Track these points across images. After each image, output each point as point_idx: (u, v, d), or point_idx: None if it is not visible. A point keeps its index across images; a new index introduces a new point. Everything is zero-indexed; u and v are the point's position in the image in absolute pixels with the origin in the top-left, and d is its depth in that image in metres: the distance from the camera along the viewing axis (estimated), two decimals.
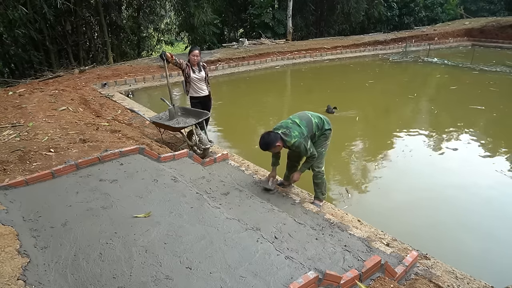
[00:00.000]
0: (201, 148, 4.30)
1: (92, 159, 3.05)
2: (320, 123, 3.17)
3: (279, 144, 2.99)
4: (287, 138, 2.97)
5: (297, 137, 2.97)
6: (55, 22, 10.50)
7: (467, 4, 20.77)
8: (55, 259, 1.89)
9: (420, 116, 7.23)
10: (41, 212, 2.32)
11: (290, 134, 2.97)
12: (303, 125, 3.05)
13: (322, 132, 3.20)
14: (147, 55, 14.91)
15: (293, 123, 3.06)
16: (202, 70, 4.60)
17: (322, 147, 3.26)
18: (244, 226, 2.29)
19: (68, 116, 5.06)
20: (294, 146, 3.02)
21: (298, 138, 2.97)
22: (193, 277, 1.81)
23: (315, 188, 3.40)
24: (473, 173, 4.70)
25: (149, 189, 2.69)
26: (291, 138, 2.96)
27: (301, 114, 3.20)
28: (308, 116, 3.15)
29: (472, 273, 2.53)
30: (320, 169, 3.30)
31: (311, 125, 3.10)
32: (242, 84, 10.22)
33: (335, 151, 5.02)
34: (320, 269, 1.87)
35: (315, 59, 12.62)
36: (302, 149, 3.02)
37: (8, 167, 3.13)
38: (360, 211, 3.75)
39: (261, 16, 15.72)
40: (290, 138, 2.96)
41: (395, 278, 2.22)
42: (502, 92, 8.62)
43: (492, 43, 15.24)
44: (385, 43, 14.64)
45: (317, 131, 3.16)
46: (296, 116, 3.16)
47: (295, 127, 3.02)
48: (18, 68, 11.03)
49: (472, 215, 3.81)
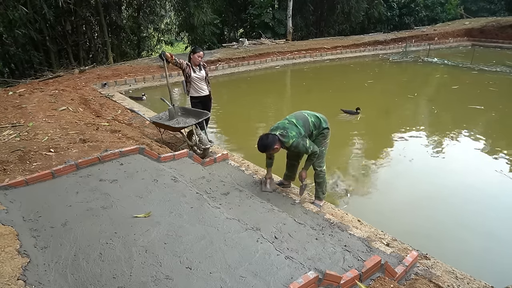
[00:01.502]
0: (201, 148, 4.30)
1: (92, 159, 3.05)
2: (317, 122, 3.17)
3: (277, 146, 2.99)
4: (285, 139, 2.97)
5: (295, 137, 2.97)
6: (55, 22, 10.50)
7: (467, 4, 20.75)
8: (55, 259, 1.89)
9: (420, 115, 7.23)
10: (41, 212, 2.32)
11: (287, 135, 2.97)
12: (299, 124, 3.05)
13: (320, 131, 3.20)
14: (147, 55, 14.91)
15: (290, 123, 3.06)
16: (202, 69, 4.61)
17: (322, 146, 3.26)
18: (244, 226, 2.29)
19: (68, 116, 5.06)
20: (292, 147, 3.02)
21: (296, 138, 2.98)
22: (193, 277, 1.81)
23: (317, 187, 3.40)
24: (472, 173, 4.70)
25: (149, 189, 2.69)
26: (288, 139, 2.96)
27: (297, 113, 3.20)
28: (304, 115, 3.15)
29: (472, 273, 2.53)
30: (321, 168, 3.31)
31: (308, 124, 3.10)
32: (242, 84, 10.22)
33: (335, 151, 5.02)
34: (320, 269, 1.87)
35: (315, 59, 12.62)
36: (301, 148, 3.02)
37: (8, 167, 3.13)
38: (360, 211, 3.75)
39: (261, 16, 15.72)
40: (288, 138, 2.96)
41: (395, 278, 2.22)
42: (501, 92, 8.63)
43: (492, 43, 15.23)
44: (385, 43, 14.64)
45: (314, 130, 3.16)
46: (292, 116, 3.17)
47: (292, 127, 3.02)
48: (18, 68, 11.04)
49: (472, 215, 3.80)
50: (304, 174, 3.26)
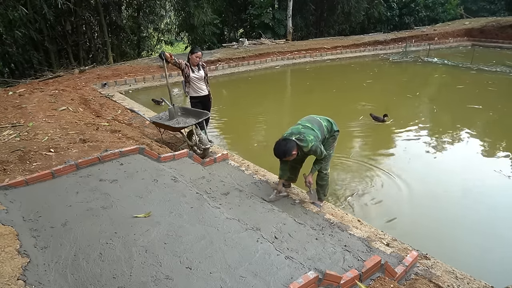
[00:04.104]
0: (201, 148, 4.30)
1: (92, 159, 3.05)
2: (329, 125, 3.16)
3: (295, 152, 2.89)
4: (303, 144, 2.88)
5: (314, 141, 2.90)
6: (55, 22, 10.50)
7: (467, 4, 20.74)
8: (55, 259, 1.89)
9: (420, 115, 7.22)
10: (41, 212, 2.32)
11: (305, 139, 2.88)
12: (315, 128, 3.01)
13: (331, 134, 3.19)
14: (147, 55, 14.91)
15: (305, 128, 2.99)
16: (201, 69, 4.61)
17: (330, 149, 3.25)
18: (244, 226, 2.29)
19: (68, 116, 5.06)
20: (311, 151, 2.93)
21: (315, 142, 2.91)
22: (193, 277, 1.81)
23: (319, 189, 3.37)
24: (472, 172, 4.69)
25: (149, 189, 2.69)
26: (307, 143, 2.87)
27: (309, 118, 3.17)
28: (318, 120, 3.13)
29: (472, 273, 2.53)
30: (327, 171, 3.28)
31: (323, 128, 3.08)
32: (242, 84, 10.22)
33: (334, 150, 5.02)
34: (320, 269, 1.87)
35: (315, 59, 12.62)
36: (318, 152, 2.96)
37: (8, 167, 3.13)
38: (360, 211, 3.75)
39: (261, 16, 15.71)
40: (307, 143, 2.87)
41: (395, 278, 2.22)
42: (500, 92, 8.64)
43: (492, 43, 15.21)
44: (385, 43, 14.64)
45: (327, 134, 3.15)
46: (305, 121, 3.11)
47: (308, 131, 2.95)
48: (18, 68, 11.03)
49: (471, 215, 3.80)
50: (311, 179, 3.19)
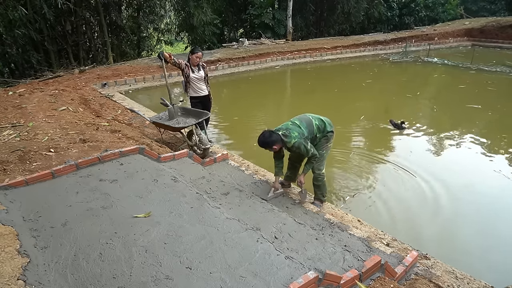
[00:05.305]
0: (201, 148, 4.30)
1: (92, 159, 3.05)
2: (321, 125, 3.19)
3: (276, 146, 3.02)
4: (287, 139, 3.00)
5: (297, 137, 3.00)
6: (55, 22, 10.49)
7: (467, 4, 20.72)
8: (55, 259, 1.89)
9: (420, 115, 7.23)
10: (41, 212, 2.32)
11: (289, 135, 3.01)
12: (303, 126, 3.09)
13: (324, 134, 3.22)
14: (147, 55, 14.90)
15: (293, 125, 3.10)
16: (201, 69, 4.61)
17: (323, 149, 3.26)
18: (244, 226, 2.29)
19: (68, 116, 5.06)
20: (294, 147, 3.04)
21: (298, 139, 3.00)
22: (193, 277, 1.81)
23: (316, 190, 3.39)
24: (471, 172, 4.69)
25: (149, 189, 2.69)
26: (291, 139, 2.99)
27: (301, 116, 3.24)
28: (308, 118, 3.19)
29: (472, 273, 2.53)
30: (320, 171, 3.30)
31: (312, 126, 3.13)
32: (242, 84, 10.22)
33: (334, 150, 5.02)
34: (320, 269, 1.87)
35: (315, 59, 12.62)
36: (302, 149, 3.04)
37: (8, 167, 3.13)
38: (360, 211, 3.75)
39: (261, 16, 15.70)
40: (290, 138, 2.99)
41: (395, 278, 2.22)
42: (500, 91, 8.65)
43: (492, 43, 15.20)
44: (385, 43, 14.63)
45: (319, 133, 3.18)
46: (296, 118, 3.21)
47: (294, 128, 3.06)
48: (18, 68, 11.03)
49: (471, 214, 3.80)
50: (303, 179, 3.24)
